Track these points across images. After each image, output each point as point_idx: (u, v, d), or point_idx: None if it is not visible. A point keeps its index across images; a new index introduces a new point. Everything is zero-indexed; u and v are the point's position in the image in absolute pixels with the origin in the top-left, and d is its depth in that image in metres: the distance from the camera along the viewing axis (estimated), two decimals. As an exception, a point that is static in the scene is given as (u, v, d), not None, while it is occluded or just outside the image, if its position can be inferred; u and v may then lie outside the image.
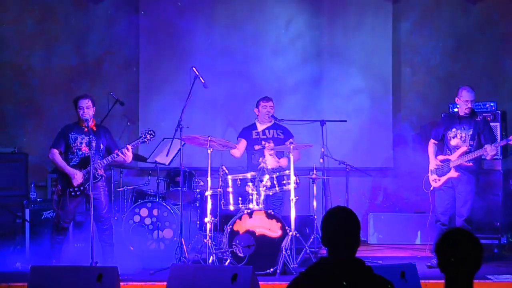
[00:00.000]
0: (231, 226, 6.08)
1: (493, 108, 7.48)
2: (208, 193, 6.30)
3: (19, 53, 8.84)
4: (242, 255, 6.00)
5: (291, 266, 5.94)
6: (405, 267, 4.48)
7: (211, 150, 6.29)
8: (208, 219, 6.17)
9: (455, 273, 2.72)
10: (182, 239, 6.17)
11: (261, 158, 6.45)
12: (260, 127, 7.02)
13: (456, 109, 6.63)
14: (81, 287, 4.55)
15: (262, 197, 6.27)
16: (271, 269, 5.94)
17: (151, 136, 6.29)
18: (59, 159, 6.25)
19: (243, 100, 8.32)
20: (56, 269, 4.99)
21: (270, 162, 6.52)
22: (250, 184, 6.27)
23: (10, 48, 8.84)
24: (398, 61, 8.67)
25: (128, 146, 6.24)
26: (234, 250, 6.00)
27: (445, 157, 6.43)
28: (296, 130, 7.23)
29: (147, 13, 8.69)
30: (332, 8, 8.65)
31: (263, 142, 6.84)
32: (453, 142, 6.42)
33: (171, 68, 8.57)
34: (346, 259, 2.87)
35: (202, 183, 7.07)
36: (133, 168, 8.27)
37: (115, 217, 7.10)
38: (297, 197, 6.23)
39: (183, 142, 6.44)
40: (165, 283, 4.67)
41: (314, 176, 6.76)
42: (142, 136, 6.30)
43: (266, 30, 8.64)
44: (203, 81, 6.55)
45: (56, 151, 6.27)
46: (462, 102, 6.39)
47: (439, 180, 6.42)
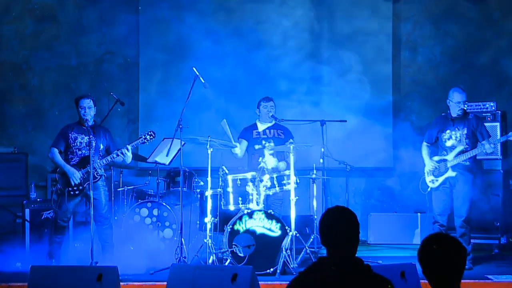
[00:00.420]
0: (231, 226, 6.07)
1: (493, 108, 7.47)
2: (208, 193, 6.30)
3: (19, 53, 8.85)
4: (242, 255, 6.00)
5: (291, 266, 5.94)
6: (405, 267, 4.48)
7: (211, 150, 6.29)
8: (208, 219, 6.17)
9: (439, 280, 2.69)
10: (182, 239, 6.17)
11: (260, 158, 6.45)
12: (261, 127, 7.02)
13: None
14: (81, 287, 4.55)
15: (262, 197, 6.27)
16: (271, 269, 5.94)
17: (151, 137, 6.30)
18: (58, 158, 6.29)
19: (243, 100, 8.32)
20: (56, 269, 4.99)
21: (270, 162, 6.52)
22: (250, 184, 6.27)
23: (10, 48, 8.84)
24: (398, 61, 8.67)
25: (127, 146, 6.24)
26: (234, 250, 6.00)
27: (441, 158, 6.42)
28: (296, 130, 7.23)
29: (147, 13, 8.69)
30: (332, 8, 8.65)
31: (264, 142, 6.84)
32: (449, 143, 6.41)
33: (171, 68, 8.58)
34: (345, 259, 2.87)
35: (202, 183, 7.07)
36: (133, 168, 8.28)
37: (115, 217, 7.10)
38: (297, 197, 6.23)
39: (183, 142, 6.44)
40: (165, 283, 4.66)
41: (314, 176, 6.75)
42: (142, 136, 6.32)
43: (266, 30, 8.64)
44: (203, 81, 6.55)
45: (56, 150, 6.29)
46: (454, 104, 6.38)
47: (437, 180, 6.40)
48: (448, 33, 8.67)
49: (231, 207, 6.31)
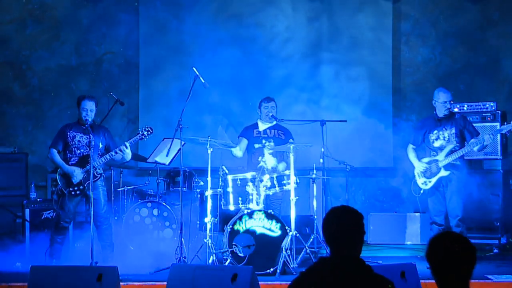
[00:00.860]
0: (231, 226, 6.07)
1: (493, 108, 7.47)
2: (208, 193, 6.29)
3: (19, 53, 8.85)
4: (242, 255, 6.00)
5: (291, 266, 5.94)
6: (405, 267, 4.48)
7: (211, 150, 6.29)
8: (208, 219, 6.17)
9: (448, 278, 2.68)
10: (182, 239, 6.17)
11: (260, 157, 6.45)
12: (262, 127, 7.02)
13: (458, 109, 6.63)
14: (81, 287, 4.55)
15: (262, 197, 6.27)
16: (271, 269, 5.94)
17: (148, 132, 6.32)
18: (57, 158, 6.30)
19: (243, 100, 8.33)
20: (56, 269, 4.99)
21: (270, 161, 6.52)
22: (250, 184, 6.26)
23: (10, 48, 8.84)
24: (398, 61, 8.67)
25: (126, 143, 6.27)
26: (234, 250, 6.00)
27: (431, 158, 6.40)
28: (296, 130, 7.23)
29: (147, 13, 8.69)
30: (332, 8, 8.64)
31: (264, 141, 6.84)
32: (437, 144, 6.40)
33: (171, 68, 8.58)
34: (346, 259, 2.86)
35: (202, 183, 7.07)
36: (133, 168, 8.28)
37: (115, 217, 7.10)
38: (297, 197, 6.23)
39: (183, 142, 6.44)
40: (165, 283, 4.67)
41: (314, 176, 6.75)
42: (140, 133, 6.33)
43: (266, 30, 8.64)
44: (203, 81, 6.54)
45: (54, 151, 6.31)
46: (441, 104, 6.39)
47: (430, 182, 6.39)
48: (448, 33, 8.66)
49: (231, 207, 6.31)
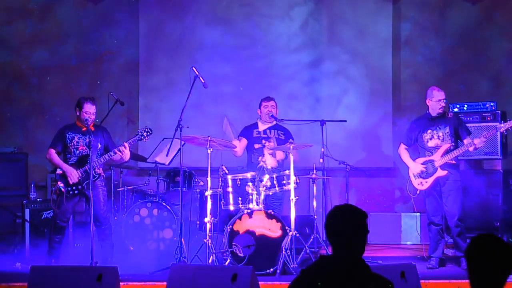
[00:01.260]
0: (231, 226, 6.07)
1: (493, 108, 7.47)
2: (208, 193, 6.29)
3: (19, 53, 8.84)
4: (242, 255, 6.00)
5: (291, 266, 5.93)
6: (405, 267, 4.49)
7: (211, 150, 6.29)
8: (208, 219, 6.17)
9: (483, 280, 2.68)
10: (182, 239, 6.17)
11: (260, 157, 6.46)
12: (262, 127, 7.02)
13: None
14: (81, 287, 4.56)
15: (262, 197, 6.27)
16: (271, 269, 5.94)
17: (148, 133, 6.32)
18: (56, 158, 6.30)
19: (243, 100, 8.33)
20: (56, 269, 4.99)
21: (270, 161, 6.52)
22: (250, 184, 6.27)
23: (10, 48, 8.84)
24: (398, 61, 8.67)
25: (125, 143, 6.26)
26: (234, 250, 6.00)
27: (427, 159, 6.36)
28: (296, 130, 7.23)
29: (147, 13, 8.69)
30: (332, 8, 8.65)
31: (264, 141, 6.84)
32: (431, 144, 6.35)
33: (171, 68, 8.57)
34: (347, 258, 2.86)
35: (202, 183, 7.07)
36: (133, 168, 8.28)
37: (115, 217, 7.10)
38: (297, 197, 6.23)
39: (183, 142, 6.45)
40: (165, 283, 4.67)
41: (314, 176, 6.75)
42: (139, 133, 6.33)
43: (266, 30, 8.64)
44: (203, 81, 6.55)
45: (53, 151, 6.31)
46: (434, 103, 6.35)
47: (426, 182, 6.35)
48: (448, 33, 8.66)
49: (231, 207, 6.32)
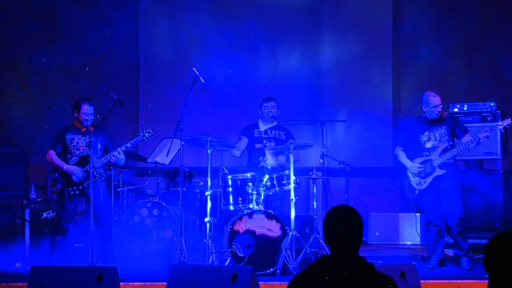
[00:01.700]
0: (231, 226, 6.07)
1: (493, 108, 7.47)
2: (208, 193, 6.29)
3: (19, 53, 8.84)
4: (242, 255, 6.00)
5: (291, 266, 5.93)
6: (405, 267, 4.48)
7: (211, 150, 6.29)
8: (208, 219, 6.17)
9: (502, 275, 2.70)
10: (182, 239, 6.17)
11: (261, 157, 6.46)
12: (263, 127, 7.02)
13: (458, 110, 6.61)
14: (81, 287, 4.55)
15: (262, 197, 6.27)
16: (271, 269, 5.94)
17: (149, 134, 6.31)
18: (56, 159, 6.29)
19: (243, 100, 8.33)
20: (56, 269, 4.98)
21: (270, 161, 6.52)
22: (250, 184, 6.27)
23: (10, 48, 8.84)
24: (398, 61, 8.67)
25: (119, 149, 6.23)
26: (234, 250, 6.00)
27: (425, 159, 6.38)
28: (296, 130, 7.23)
29: (147, 13, 8.69)
30: (332, 8, 8.65)
31: (265, 141, 6.84)
32: (429, 145, 6.37)
33: (171, 68, 8.58)
34: (348, 257, 2.88)
35: (202, 183, 7.07)
36: (133, 168, 8.27)
37: (115, 217, 7.10)
38: (297, 197, 6.23)
39: (183, 142, 6.44)
40: (165, 283, 4.67)
41: (314, 176, 6.75)
42: (141, 134, 6.32)
43: (266, 30, 8.64)
44: (203, 81, 6.54)
45: (52, 152, 6.29)
46: (431, 108, 6.35)
47: (425, 182, 6.36)
48: (448, 33, 8.66)
49: (231, 207, 6.32)
